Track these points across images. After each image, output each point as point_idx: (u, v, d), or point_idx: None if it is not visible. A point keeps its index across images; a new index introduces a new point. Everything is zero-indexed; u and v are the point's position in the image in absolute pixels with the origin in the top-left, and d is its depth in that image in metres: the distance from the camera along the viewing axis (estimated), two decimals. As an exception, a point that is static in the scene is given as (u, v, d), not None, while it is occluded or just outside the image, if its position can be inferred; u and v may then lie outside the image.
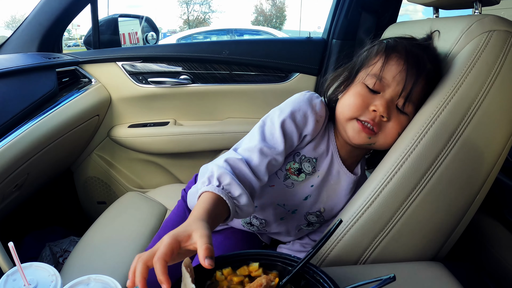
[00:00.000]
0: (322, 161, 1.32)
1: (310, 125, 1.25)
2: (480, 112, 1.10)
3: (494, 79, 1.11)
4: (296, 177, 1.31)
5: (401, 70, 1.18)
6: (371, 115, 1.20)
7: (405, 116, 1.21)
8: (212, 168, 1.10)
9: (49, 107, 1.95)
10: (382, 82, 1.20)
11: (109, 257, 1.64)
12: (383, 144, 1.23)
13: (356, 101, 1.22)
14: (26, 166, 1.73)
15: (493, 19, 1.20)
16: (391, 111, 1.20)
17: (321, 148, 1.32)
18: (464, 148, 1.10)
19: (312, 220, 1.38)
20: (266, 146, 1.18)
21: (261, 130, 1.22)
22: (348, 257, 1.15)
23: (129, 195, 2.14)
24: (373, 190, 1.14)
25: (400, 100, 1.19)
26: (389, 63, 1.20)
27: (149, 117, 2.63)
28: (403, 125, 1.21)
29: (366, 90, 1.22)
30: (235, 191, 1.06)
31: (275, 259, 0.95)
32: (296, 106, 1.25)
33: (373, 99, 1.20)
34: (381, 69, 1.20)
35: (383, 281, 0.77)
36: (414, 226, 1.13)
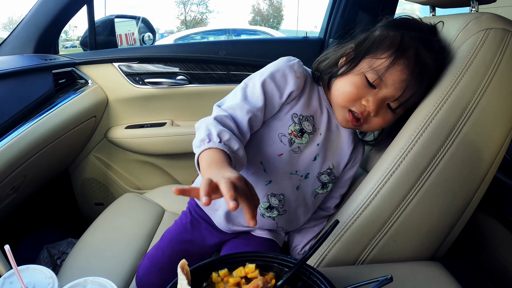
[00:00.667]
0: (319, 118, 1.36)
1: (291, 81, 1.30)
2: (478, 110, 1.10)
3: (492, 77, 1.11)
4: (300, 139, 1.33)
5: (405, 79, 1.18)
6: (361, 108, 1.23)
7: (393, 114, 1.24)
8: (207, 126, 1.15)
9: (45, 108, 1.95)
10: (382, 81, 1.20)
11: (107, 259, 1.63)
12: (367, 130, 1.35)
13: (351, 91, 1.24)
14: (23, 168, 1.72)
15: (490, 17, 1.20)
16: (380, 109, 1.22)
17: (313, 105, 1.35)
18: (462, 146, 1.10)
19: (325, 180, 1.40)
20: (247, 104, 1.25)
21: (243, 91, 1.29)
22: (346, 258, 1.15)
23: (127, 196, 2.14)
24: (371, 190, 1.14)
25: (394, 103, 1.21)
26: (395, 68, 1.18)
27: (146, 118, 2.63)
28: (389, 121, 1.25)
29: (364, 82, 1.22)
30: (234, 145, 1.12)
31: (272, 260, 0.95)
32: (275, 68, 1.31)
33: (367, 93, 1.22)
34: (386, 70, 1.19)
35: (380, 282, 0.77)
36: (412, 226, 1.13)
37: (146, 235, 1.77)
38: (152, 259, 1.46)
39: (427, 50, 1.21)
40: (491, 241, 1.73)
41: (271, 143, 1.32)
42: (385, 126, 1.28)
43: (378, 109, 1.21)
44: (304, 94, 1.34)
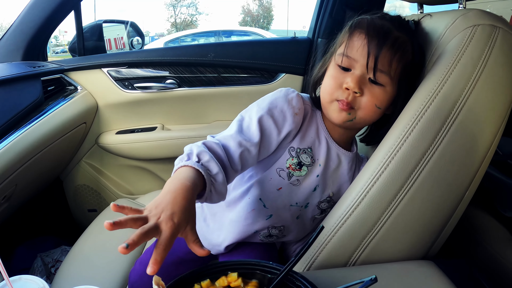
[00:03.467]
0: (317, 148, 1.34)
1: (289, 119, 1.26)
2: (467, 107, 1.09)
3: (480, 73, 1.10)
4: (299, 172, 1.31)
5: (364, 43, 1.21)
6: (345, 93, 1.22)
7: (380, 87, 1.22)
8: (190, 147, 1.12)
9: (35, 116, 1.94)
10: (350, 59, 1.23)
11: (100, 267, 1.63)
12: (365, 118, 1.26)
13: (330, 82, 1.26)
14: (13, 177, 1.71)
15: (477, 13, 1.20)
16: (364, 85, 1.22)
17: (310, 136, 1.33)
18: (451, 144, 1.09)
19: (324, 207, 1.39)
20: (241, 137, 1.20)
21: (239, 123, 1.25)
22: (337, 260, 1.14)
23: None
24: (360, 191, 1.12)
25: (370, 72, 1.21)
26: (352, 39, 1.24)
27: (137, 122, 2.62)
28: (379, 96, 1.23)
29: (338, 70, 1.25)
30: (213, 168, 1.06)
31: (254, 267, 0.93)
32: (273, 103, 1.27)
33: (345, 77, 1.23)
34: (346, 46, 1.24)
35: (365, 283, 0.77)
36: (403, 225, 1.12)
37: (139, 241, 1.76)
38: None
39: (381, 19, 1.26)
40: (485, 237, 1.73)
41: (269, 179, 1.31)
42: (380, 105, 1.24)
43: (360, 85, 1.21)
44: (302, 129, 1.32)
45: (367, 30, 1.22)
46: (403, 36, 1.24)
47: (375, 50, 1.19)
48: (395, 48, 1.20)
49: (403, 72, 1.24)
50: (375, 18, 1.27)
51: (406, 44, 1.24)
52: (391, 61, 1.20)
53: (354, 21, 1.29)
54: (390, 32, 1.22)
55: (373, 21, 1.25)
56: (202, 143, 1.14)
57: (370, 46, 1.19)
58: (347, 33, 1.27)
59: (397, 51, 1.20)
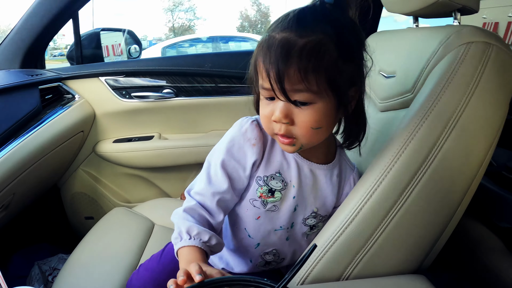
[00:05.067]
0: (287, 171, 1.27)
1: (249, 152, 1.23)
2: (460, 125, 1.10)
3: (473, 91, 1.10)
4: (273, 198, 1.27)
5: (264, 68, 1.06)
6: (277, 126, 1.12)
7: (308, 107, 1.08)
8: (178, 223, 1.18)
9: (33, 125, 1.95)
10: (264, 88, 1.10)
11: (98, 275, 1.63)
12: (311, 142, 1.15)
13: (262, 116, 1.16)
14: (11, 187, 1.72)
15: (471, 30, 1.20)
16: (291, 111, 1.09)
17: (276, 161, 1.26)
18: (444, 161, 1.10)
19: (312, 223, 1.35)
20: (213, 188, 1.23)
21: (207, 172, 1.26)
22: (330, 274, 1.14)
23: (116, 211, 2.13)
24: (354, 207, 1.13)
25: (291, 95, 1.06)
26: (260, 67, 1.09)
27: (134, 131, 2.64)
28: (311, 118, 1.08)
29: (265, 101, 1.14)
30: (204, 237, 1.14)
31: (248, 283, 0.92)
32: (231, 142, 1.24)
33: (273, 108, 1.11)
34: (258, 75, 1.12)
35: None
36: (396, 241, 1.13)
37: (136, 250, 1.77)
38: (152, 272, 1.46)
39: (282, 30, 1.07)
40: (480, 248, 1.73)
41: (245, 210, 1.30)
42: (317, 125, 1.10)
43: (286, 114, 1.08)
44: (265, 154, 1.26)
45: (263, 53, 1.08)
46: (314, 38, 1.05)
47: (275, 75, 1.04)
48: (303, 60, 1.03)
49: (330, 77, 1.06)
50: (273, 33, 1.09)
51: (321, 46, 1.05)
52: (305, 76, 1.04)
53: (258, 43, 1.14)
54: (291, 45, 1.04)
55: (269, 39, 1.08)
56: (184, 211, 1.21)
57: (270, 72, 1.04)
58: (254, 60, 1.14)
59: (308, 62, 1.03)
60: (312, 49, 1.03)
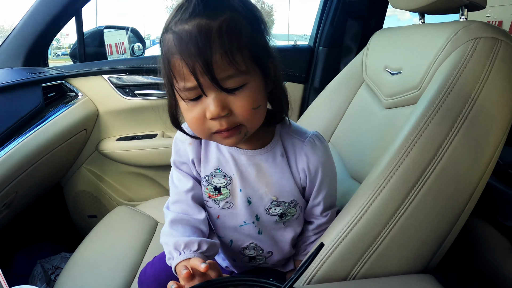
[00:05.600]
0: (225, 165, 1.22)
1: (188, 151, 1.23)
2: (468, 120, 1.08)
3: (482, 86, 1.10)
4: (222, 195, 1.24)
5: (185, 64, 0.96)
6: (216, 124, 1.02)
7: (242, 90, 1.00)
8: (167, 243, 1.18)
9: (36, 123, 1.95)
10: (191, 89, 0.99)
11: (101, 273, 1.62)
12: (256, 123, 1.08)
13: (192, 121, 1.05)
14: (14, 185, 1.72)
15: (479, 26, 1.20)
16: (226, 101, 1.00)
17: (213, 157, 1.22)
18: (454, 158, 1.08)
19: (279, 211, 1.26)
20: (180, 190, 1.25)
21: (172, 181, 1.30)
22: (337, 274, 1.12)
23: (119, 209, 2.13)
24: (361, 206, 1.10)
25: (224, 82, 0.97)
26: (176, 69, 0.99)
27: (137, 129, 2.62)
28: (249, 99, 1.01)
29: (190, 103, 1.03)
30: (193, 246, 1.14)
31: (254, 284, 0.91)
32: (174, 144, 1.28)
33: (202, 107, 1.01)
34: (174, 79, 1.01)
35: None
36: (404, 239, 1.10)
37: (140, 248, 1.76)
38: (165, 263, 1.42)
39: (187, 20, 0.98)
40: (486, 247, 1.71)
41: (207, 213, 1.29)
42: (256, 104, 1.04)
43: (222, 106, 0.99)
44: (202, 153, 1.23)
45: (177, 49, 0.97)
46: (226, 16, 0.98)
47: (202, 66, 0.94)
48: (225, 41, 0.96)
49: (253, 52, 1.01)
50: (180, 26, 0.98)
51: (236, 23, 0.99)
52: (232, 58, 0.96)
53: (162, 44, 1.05)
54: (208, 29, 0.96)
55: (178, 33, 0.98)
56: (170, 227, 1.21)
57: (196, 65, 0.94)
58: (166, 62, 1.02)
59: (231, 42, 0.96)
60: (230, 28, 0.96)
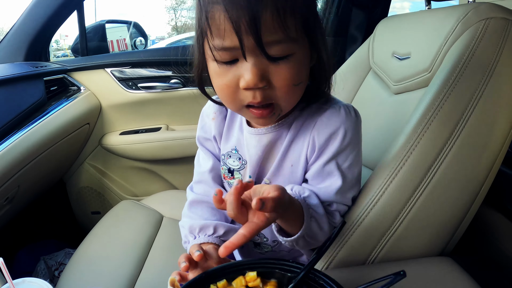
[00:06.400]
0: (242, 147, 1.12)
1: (212, 125, 1.17)
2: (482, 102, 1.08)
3: (494, 67, 1.10)
4: (234, 179, 1.16)
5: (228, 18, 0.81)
6: (249, 95, 0.90)
7: (287, 61, 0.87)
8: (183, 224, 1.16)
9: (37, 116, 1.94)
10: (228, 50, 0.86)
11: (106, 269, 1.60)
12: (293, 102, 0.97)
13: (222, 87, 0.93)
14: (16, 178, 1.70)
15: (489, 6, 1.20)
16: (266, 71, 0.87)
17: (233, 136, 1.14)
18: (468, 139, 1.08)
19: None
20: (203, 168, 1.21)
21: (197, 157, 1.26)
22: (355, 258, 1.11)
23: (124, 204, 2.10)
24: (378, 188, 1.09)
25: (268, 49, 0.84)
26: (215, 22, 0.84)
27: (141, 123, 2.61)
28: (292, 72, 0.88)
29: (222, 67, 0.89)
30: (208, 230, 1.11)
31: (273, 266, 0.89)
32: (200, 119, 1.23)
33: (237, 73, 0.89)
34: (211, 34, 0.85)
35: (394, 278, 0.73)
36: (422, 222, 1.10)
37: (145, 242, 1.74)
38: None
39: None
40: (495, 234, 1.73)
41: None
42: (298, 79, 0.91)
43: (261, 76, 0.86)
44: (224, 129, 1.15)
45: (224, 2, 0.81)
46: None
47: (248, 23, 0.80)
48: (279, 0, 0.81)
49: (306, 17, 0.87)
50: None
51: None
52: (284, 21, 0.82)
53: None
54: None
55: None
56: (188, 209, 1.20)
57: (241, 21, 0.80)
58: (203, 13, 0.86)
59: (286, 1, 0.82)
60: None
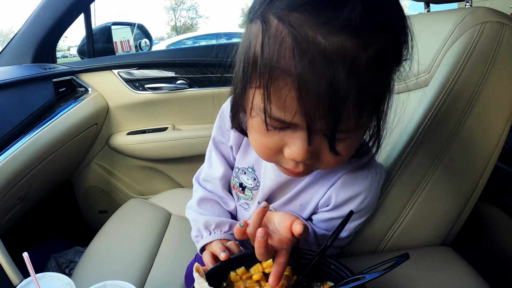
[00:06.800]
0: (259, 168, 1.07)
1: (229, 133, 1.11)
2: (479, 102, 1.14)
3: (490, 69, 1.14)
4: (243, 194, 1.12)
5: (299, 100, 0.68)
6: (291, 164, 0.83)
7: (344, 141, 0.77)
8: (194, 219, 1.17)
9: (47, 117, 1.96)
10: (282, 121, 0.74)
11: (117, 265, 1.63)
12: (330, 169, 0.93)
13: (261, 145, 0.83)
14: (28, 178, 1.73)
15: (485, 11, 1.24)
16: (317, 148, 0.78)
17: (252, 153, 1.07)
18: (465, 138, 1.14)
19: None
20: (213, 173, 1.19)
21: (208, 155, 1.24)
22: (365, 249, 1.18)
23: (132, 202, 2.13)
24: (385, 185, 1.15)
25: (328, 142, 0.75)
26: (277, 90, 0.70)
27: (148, 123, 2.64)
28: (345, 150, 0.79)
29: (271, 130, 0.78)
30: (224, 227, 1.12)
31: None
32: (219, 117, 1.16)
33: (284, 140, 0.78)
34: (267, 101, 0.72)
35: (398, 260, 0.77)
36: (426, 213, 1.18)
37: (155, 239, 1.78)
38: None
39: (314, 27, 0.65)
40: (493, 228, 1.79)
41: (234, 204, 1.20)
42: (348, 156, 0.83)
43: (311, 152, 0.77)
44: (243, 142, 1.10)
45: (300, 74, 0.65)
46: (376, 46, 0.68)
47: (326, 114, 0.68)
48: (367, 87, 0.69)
49: (378, 103, 0.78)
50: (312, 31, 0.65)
51: (384, 56, 0.70)
52: (361, 113, 0.72)
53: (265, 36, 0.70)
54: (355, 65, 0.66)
55: (303, 43, 0.65)
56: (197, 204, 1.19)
57: (315, 110, 0.68)
58: (265, 73, 0.69)
59: (367, 94, 0.70)
60: (377, 64, 0.69)
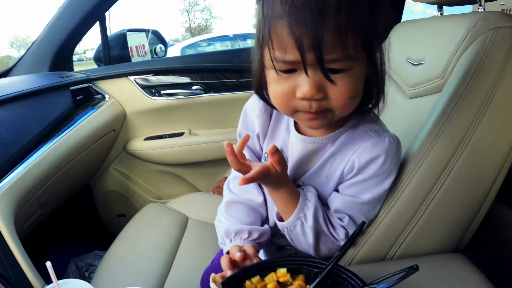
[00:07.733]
0: (288, 148, 1.14)
1: (255, 122, 1.16)
2: (491, 108, 1.12)
3: (503, 74, 1.13)
4: None
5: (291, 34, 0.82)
6: (305, 104, 0.91)
7: (345, 74, 0.88)
8: (218, 227, 1.19)
9: (66, 125, 1.99)
10: (286, 61, 0.87)
11: (136, 268, 1.67)
12: (346, 111, 0.96)
13: (278, 94, 0.94)
14: (48, 185, 1.76)
15: (497, 16, 1.23)
16: (323, 83, 0.88)
17: (280, 136, 1.15)
18: (478, 143, 1.12)
19: None
20: None
21: None
22: (375, 256, 1.17)
23: (150, 207, 2.17)
24: (396, 191, 1.14)
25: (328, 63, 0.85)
26: (277, 35, 0.85)
27: (164, 128, 2.67)
28: (349, 86, 0.89)
29: (281, 75, 0.91)
30: (244, 234, 1.13)
31: (301, 262, 0.97)
32: (243, 114, 1.21)
33: (294, 82, 0.90)
34: (272, 47, 0.87)
35: (408, 271, 0.79)
36: (438, 219, 1.15)
37: (173, 243, 1.81)
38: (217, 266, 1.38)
39: None
40: (508, 231, 1.75)
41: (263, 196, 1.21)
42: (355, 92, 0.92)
43: (318, 88, 0.88)
44: (269, 128, 1.16)
45: (285, 13, 0.82)
46: None
47: (312, 42, 0.81)
48: (342, 16, 0.80)
49: (366, 35, 0.86)
50: None
51: None
52: (344, 41, 0.82)
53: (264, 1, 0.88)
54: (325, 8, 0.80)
55: None
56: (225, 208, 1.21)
57: (303, 38, 0.81)
58: (266, 26, 0.87)
59: (348, 19, 0.81)
60: (351, 1, 0.81)
